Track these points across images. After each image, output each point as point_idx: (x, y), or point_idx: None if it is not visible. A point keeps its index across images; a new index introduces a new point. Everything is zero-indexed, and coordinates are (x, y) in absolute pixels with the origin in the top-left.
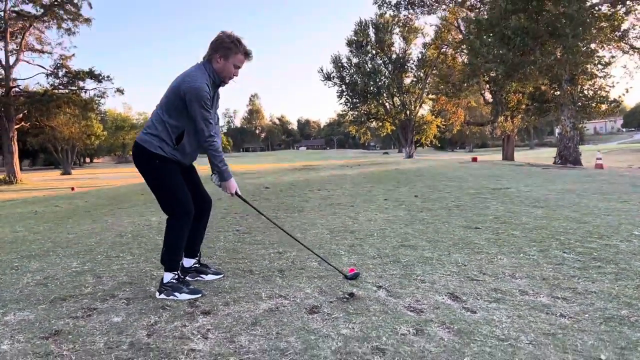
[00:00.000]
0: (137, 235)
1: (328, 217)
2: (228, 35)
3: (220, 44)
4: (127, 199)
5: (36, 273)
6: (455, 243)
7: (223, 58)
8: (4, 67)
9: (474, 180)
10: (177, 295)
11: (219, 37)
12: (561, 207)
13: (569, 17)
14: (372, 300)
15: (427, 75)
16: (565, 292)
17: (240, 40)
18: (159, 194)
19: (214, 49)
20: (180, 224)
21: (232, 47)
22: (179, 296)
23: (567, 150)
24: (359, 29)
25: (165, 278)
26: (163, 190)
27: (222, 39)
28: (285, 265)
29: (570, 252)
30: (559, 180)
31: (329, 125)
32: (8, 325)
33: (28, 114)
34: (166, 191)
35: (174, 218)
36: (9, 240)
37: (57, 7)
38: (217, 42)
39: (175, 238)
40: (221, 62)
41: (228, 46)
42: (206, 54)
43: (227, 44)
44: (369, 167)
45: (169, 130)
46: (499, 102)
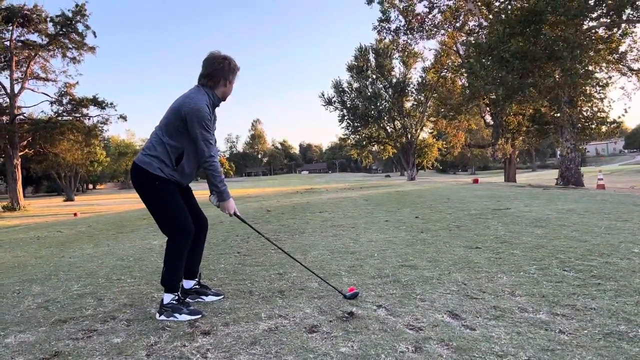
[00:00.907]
0: (138, 258)
1: (329, 238)
2: (223, 58)
3: (222, 71)
4: (129, 223)
5: (37, 296)
6: (456, 262)
7: (229, 82)
8: (9, 96)
9: (475, 202)
10: (177, 317)
11: (217, 63)
12: (561, 227)
13: (566, 40)
14: (371, 319)
15: (427, 99)
16: (564, 309)
17: (231, 58)
18: (158, 215)
19: (219, 75)
20: (180, 244)
21: (235, 69)
22: (179, 317)
23: (568, 172)
24: (360, 54)
25: (165, 299)
26: (163, 211)
27: (222, 65)
28: (285, 286)
29: (570, 270)
30: (560, 200)
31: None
32: (9, 347)
33: (32, 141)
34: (166, 212)
35: (174, 239)
36: (11, 265)
37: (62, 37)
38: (219, 69)
39: (175, 259)
40: (228, 87)
41: (233, 70)
42: (203, 78)
43: (232, 68)
44: (371, 190)
45: (168, 151)
46: (499, 125)
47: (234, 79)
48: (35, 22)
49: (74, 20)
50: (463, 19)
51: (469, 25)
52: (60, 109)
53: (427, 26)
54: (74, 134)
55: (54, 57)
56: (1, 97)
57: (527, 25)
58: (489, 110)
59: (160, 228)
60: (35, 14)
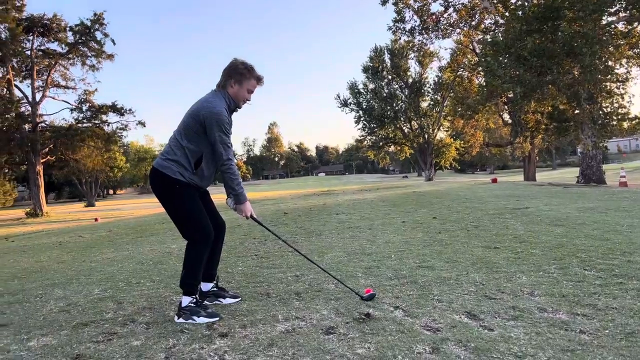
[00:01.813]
0: (157, 262)
1: (346, 240)
2: (241, 62)
3: (234, 70)
4: (149, 228)
5: (59, 300)
6: (474, 263)
7: (237, 83)
8: (31, 104)
9: (494, 201)
10: (195, 319)
11: (232, 64)
12: (582, 225)
13: (584, 36)
14: (388, 320)
15: (444, 98)
16: (585, 309)
17: (252, 67)
18: (179, 219)
19: (229, 75)
20: (200, 248)
21: (245, 72)
22: (197, 320)
23: (590, 169)
24: (375, 55)
25: (183, 302)
26: (183, 215)
27: (235, 65)
28: (302, 288)
29: (591, 269)
30: (580, 199)
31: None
32: (31, 351)
33: (54, 148)
34: (187, 216)
35: (194, 243)
36: (34, 270)
37: (81, 45)
38: (231, 68)
39: (195, 262)
40: (235, 87)
41: (242, 72)
42: (220, 81)
43: (240, 70)
44: (388, 191)
45: (188, 155)
46: (518, 123)
47: (246, 83)
48: (55, 31)
49: (92, 29)
50: (479, 17)
51: (485, 23)
52: (80, 116)
53: (443, 25)
54: (94, 140)
55: (74, 65)
56: (23, 106)
57: (545, 21)
58: (506, 108)
59: (181, 232)
60: (55, 23)
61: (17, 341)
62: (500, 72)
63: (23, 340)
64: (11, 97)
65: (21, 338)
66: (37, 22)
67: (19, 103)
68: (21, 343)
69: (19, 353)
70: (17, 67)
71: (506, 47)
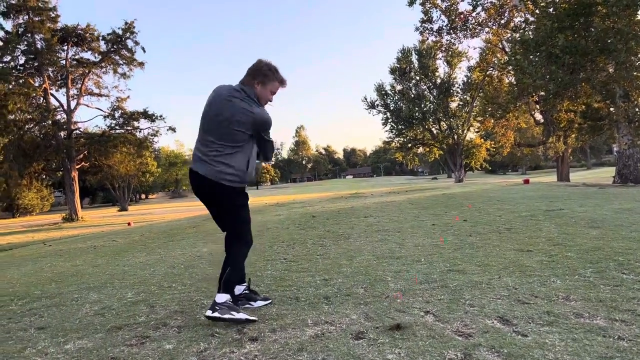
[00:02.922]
0: (188, 266)
1: (374, 243)
2: (266, 63)
3: (259, 71)
4: (180, 232)
5: (94, 304)
6: (506, 266)
7: (261, 84)
8: (66, 112)
9: (526, 203)
10: (235, 314)
11: (257, 65)
12: (619, 227)
13: (618, 32)
14: (418, 325)
15: (473, 98)
16: (623, 314)
17: (277, 68)
18: (236, 224)
19: (253, 76)
20: (245, 250)
21: (269, 74)
22: (237, 315)
23: (626, 169)
24: (402, 56)
25: (221, 299)
26: (241, 219)
27: (260, 66)
28: (331, 292)
29: (630, 272)
30: (617, 199)
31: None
32: (68, 353)
33: (88, 154)
34: (243, 220)
35: (241, 246)
36: (71, 273)
37: (113, 53)
38: (256, 69)
39: (241, 261)
40: (259, 88)
41: (266, 73)
42: (244, 79)
43: (265, 71)
44: (417, 193)
45: (241, 159)
46: (550, 122)
47: (270, 85)
48: (88, 41)
49: (124, 37)
50: (508, 16)
51: (515, 21)
52: (113, 122)
53: (471, 24)
54: (126, 146)
55: (106, 73)
56: (59, 114)
57: (576, 18)
58: (538, 107)
59: (234, 235)
60: (88, 33)
61: (55, 344)
62: (531, 70)
63: (60, 343)
64: (48, 105)
65: (58, 341)
66: (71, 32)
67: (55, 111)
68: (58, 346)
69: (56, 356)
70: (53, 77)
71: (537, 45)
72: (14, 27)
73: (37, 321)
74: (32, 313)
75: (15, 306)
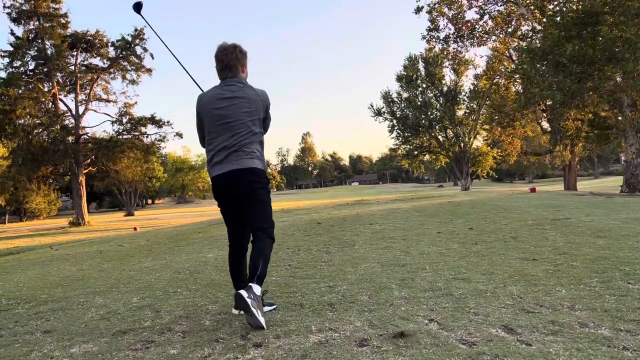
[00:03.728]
0: (193, 271)
1: (379, 250)
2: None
3: (245, 55)
4: (185, 237)
5: (100, 308)
6: (511, 275)
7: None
8: (74, 117)
9: (532, 211)
10: (258, 313)
11: (243, 50)
12: (626, 237)
13: (627, 41)
14: (422, 333)
15: (480, 106)
16: (629, 325)
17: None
18: (267, 213)
19: (243, 63)
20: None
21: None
22: (259, 316)
23: (634, 178)
24: (409, 64)
25: (257, 290)
26: (270, 208)
27: (244, 51)
28: (335, 299)
29: (636, 283)
30: (624, 209)
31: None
32: (73, 357)
33: (95, 159)
34: (271, 208)
35: (272, 233)
36: (77, 277)
37: (122, 60)
38: (245, 54)
39: (271, 252)
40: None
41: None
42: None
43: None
44: (422, 201)
45: (263, 145)
46: (557, 131)
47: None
48: (97, 47)
49: (133, 44)
50: (515, 24)
51: (522, 30)
52: (121, 128)
53: (478, 33)
54: (133, 151)
55: (115, 79)
56: (67, 119)
57: (584, 27)
58: (545, 116)
59: (265, 226)
60: (98, 39)
61: (60, 347)
62: (538, 79)
63: (66, 347)
64: (56, 110)
65: (64, 345)
66: (80, 39)
67: (63, 116)
68: (64, 349)
69: (62, 359)
70: (62, 82)
71: (544, 54)
72: (24, 32)
73: (43, 325)
74: (39, 317)
75: (22, 309)
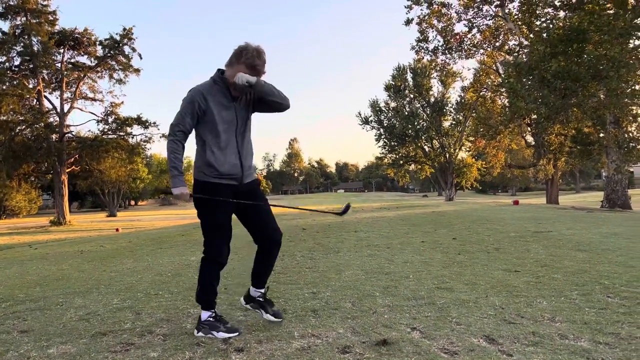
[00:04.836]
0: (175, 274)
1: (364, 258)
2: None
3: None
4: (168, 239)
5: (79, 309)
6: (494, 286)
7: (231, 65)
8: (59, 115)
9: (515, 223)
10: (215, 334)
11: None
12: (606, 251)
13: (611, 60)
14: (405, 342)
15: (466, 118)
16: (607, 337)
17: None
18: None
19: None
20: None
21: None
22: (217, 334)
23: (615, 194)
24: (397, 74)
25: (202, 316)
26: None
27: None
28: (318, 305)
29: (615, 296)
30: (605, 224)
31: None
32: (51, 358)
33: (79, 158)
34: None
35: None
36: (56, 277)
37: (110, 59)
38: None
39: (201, 278)
40: (230, 70)
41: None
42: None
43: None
44: (407, 210)
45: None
46: (541, 145)
47: (235, 62)
48: (85, 45)
49: (121, 43)
50: (503, 39)
51: (509, 44)
52: (106, 127)
53: (466, 45)
54: (118, 151)
55: (102, 78)
56: (52, 116)
57: (570, 44)
58: (530, 130)
59: (279, 231)
60: (86, 37)
61: (37, 348)
62: (524, 93)
63: (43, 348)
64: (41, 107)
65: (41, 345)
66: (68, 36)
67: (48, 113)
68: (41, 350)
69: None
70: (48, 79)
71: (530, 69)
72: (11, 28)
73: (20, 324)
74: (16, 316)
75: None
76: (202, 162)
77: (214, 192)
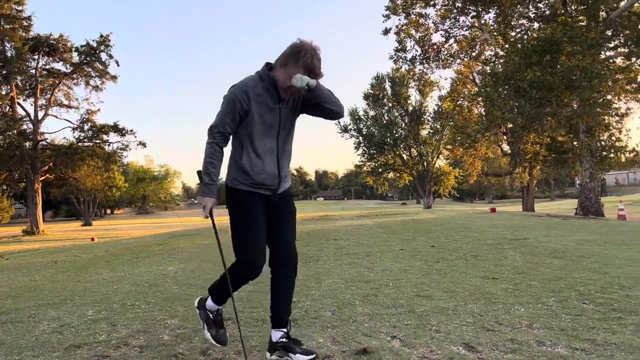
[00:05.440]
0: (152, 284)
1: (343, 266)
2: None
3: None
4: (145, 249)
5: (52, 321)
6: (472, 293)
7: (282, 66)
8: (33, 122)
9: (492, 231)
10: (205, 330)
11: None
12: (581, 258)
13: (583, 70)
14: (385, 350)
15: (443, 127)
16: (584, 344)
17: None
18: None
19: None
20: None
21: (294, 51)
22: (205, 331)
23: (588, 202)
24: (376, 83)
25: (208, 303)
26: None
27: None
28: (298, 315)
29: (590, 302)
30: (579, 231)
31: (346, 176)
32: None
33: (53, 166)
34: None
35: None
36: (28, 289)
37: (86, 65)
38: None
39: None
40: (281, 71)
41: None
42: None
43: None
44: (386, 218)
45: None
46: (517, 153)
47: (291, 64)
48: (61, 52)
49: (98, 50)
50: (479, 49)
51: (485, 54)
52: (82, 135)
53: (443, 55)
54: (94, 159)
55: (78, 85)
56: (25, 124)
57: (544, 55)
58: (506, 138)
59: (296, 252)
60: (61, 44)
61: None
62: (500, 103)
63: None
64: (14, 114)
65: (13, 359)
66: (43, 42)
67: (21, 121)
68: None
69: None
70: (21, 86)
71: (506, 79)
72: None
73: None
74: None
75: None
76: (237, 167)
77: (245, 201)
